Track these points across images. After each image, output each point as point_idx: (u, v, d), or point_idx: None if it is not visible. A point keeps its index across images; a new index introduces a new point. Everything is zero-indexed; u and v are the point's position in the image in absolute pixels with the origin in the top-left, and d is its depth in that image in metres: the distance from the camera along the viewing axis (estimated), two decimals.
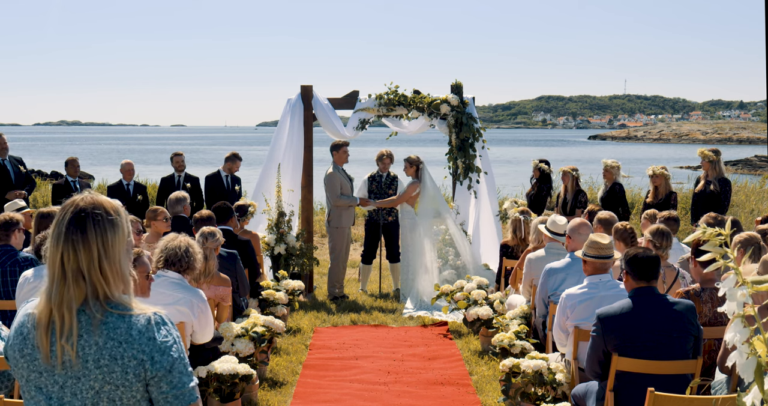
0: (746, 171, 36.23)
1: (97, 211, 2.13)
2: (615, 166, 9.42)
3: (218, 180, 10.43)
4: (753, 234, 5.25)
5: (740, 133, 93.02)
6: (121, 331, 2.09)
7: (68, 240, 2.09)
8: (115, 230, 2.15)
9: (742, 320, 1.85)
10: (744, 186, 17.00)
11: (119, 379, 2.08)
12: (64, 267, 2.09)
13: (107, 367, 2.07)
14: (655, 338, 4.16)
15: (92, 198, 2.16)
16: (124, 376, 2.08)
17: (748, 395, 1.79)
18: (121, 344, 2.08)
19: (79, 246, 2.09)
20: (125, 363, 2.08)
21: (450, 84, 9.66)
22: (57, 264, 2.10)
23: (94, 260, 2.09)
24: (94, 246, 2.10)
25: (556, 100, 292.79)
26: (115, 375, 2.08)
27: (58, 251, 2.10)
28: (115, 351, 2.07)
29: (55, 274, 2.10)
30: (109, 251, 2.12)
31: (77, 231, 2.10)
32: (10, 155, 9.78)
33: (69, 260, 2.09)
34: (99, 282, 2.10)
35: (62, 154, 47.19)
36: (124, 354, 2.07)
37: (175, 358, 2.13)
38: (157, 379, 2.11)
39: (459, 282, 8.08)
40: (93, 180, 22.60)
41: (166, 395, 2.13)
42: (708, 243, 1.90)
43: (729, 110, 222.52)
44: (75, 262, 2.08)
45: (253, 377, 5.32)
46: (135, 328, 2.10)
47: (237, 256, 6.58)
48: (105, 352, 2.07)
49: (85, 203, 2.14)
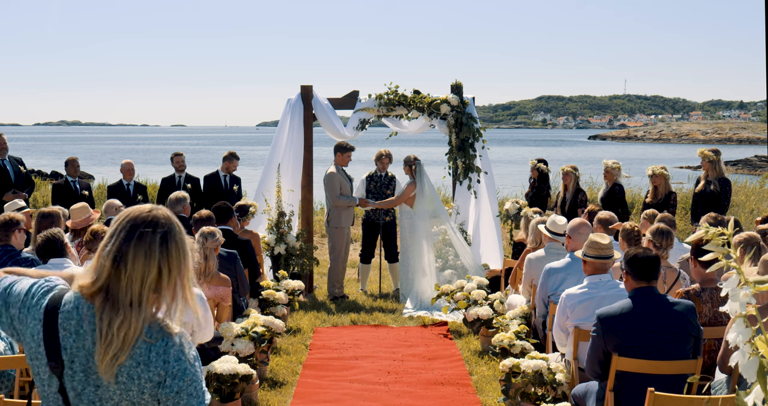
0: (746, 171, 36.23)
1: (179, 234, 2.15)
2: (615, 167, 9.42)
3: (216, 180, 10.43)
4: (753, 234, 5.25)
5: (740, 133, 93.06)
6: (141, 351, 2.07)
7: (159, 256, 2.10)
8: (187, 256, 2.17)
9: (744, 320, 1.85)
10: (744, 186, 17.00)
11: (135, 397, 2.09)
12: (148, 285, 2.09)
13: (124, 385, 2.07)
14: (655, 338, 4.15)
15: (170, 218, 2.17)
16: (140, 395, 2.09)
17: (749, 395, 1.78)
18: (139, 365, 2.07)
19: (164, 265, 2.11)
20: (141, 384, 2.08)
21: (450, 84, 9.66)
22: (145, 279, 2.08)
23: (172, 282, 2.12)
24: (174, 268, 2.13)
25: (556, 100, 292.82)
26: (131, 393, 2.08)
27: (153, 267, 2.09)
28: (133, 371, 2.07)
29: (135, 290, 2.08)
30: (183, 276, 2.15)
31: (164, 247, 2.11)
32: (9, 155, 9.78)
33: (155, 278, 2.10)
34: (166, 305, 2.13)
35: (62, 154, 47.20)
36: (141, 375, 2.07)
37: (185, 383, 2.10)
38: (168, 400, 2.10)
39: (459, 282, 8.07)
40: (93, 180, 22.59)
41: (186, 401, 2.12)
42: (710, 243, 1.89)
43: (729, 110, 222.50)
44: (158, 281, 2.11)
45: (253, 377, 5.32)
46: (154, 350, 2.08)
47: (237, 256, 6.58)
48: (124, 370, 2.06)
49: (168, 220, 2.15)
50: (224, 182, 10.42)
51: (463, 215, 9.67)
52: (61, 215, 6.31)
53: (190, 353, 2.14)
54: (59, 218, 6.19)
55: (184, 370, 2.10)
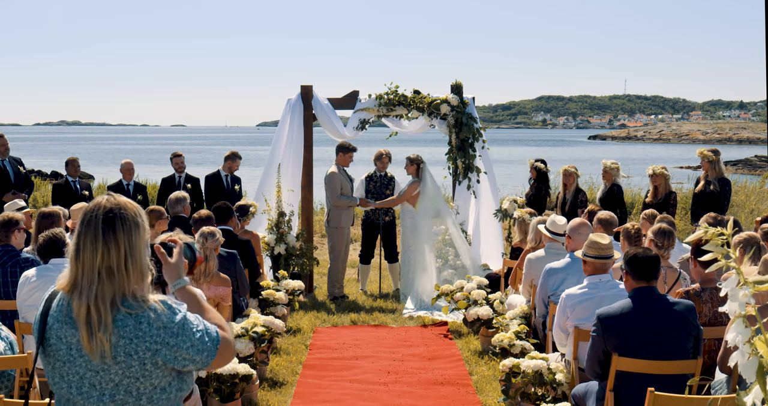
0: (746, 171, 36.21)
1: (123, 212, 2.30)
2: (614, 167, 9.41)
3: (218, 180, 10.43)
4: (753, 234, 5.26)
5: (740, 133, 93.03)
6: (129, 328, 2.23)
7: (102, 240, 2.26)
8: (139, 230, 2.32)
9: (744, 320, 1.85)
10: (744, 186, 16.98)
11: (139, 371, 2.25)
12: (100, 266, 2.25)
13: (125, 363, 2.23)
14: (655, 338, 4.16)
15: (116, 200, 2.33)
16: (143, 367, 2.25)
17: (748, 395, 1.78)
18: (132, 341, 2.23)
19: (112, 245, 2.26)
20: (141, 356, 2.24)
21: (450, 84, 9.66)
22: (95, 263, 2.25)
23: (121, 258, 2.26)
24: (122, 245, 2.27)
25: (556, 100, 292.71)
26: (133, 369, 2.24)
27: (97, 251, 2.25)
28: (128, 348, 2.23)
29: (93, 272, 2.25)
30: (134, 250, 2.29)
31: (109, 231, 2.26)
32: (9, 156, 9.78)
33: (104, 259, 2.25)
34: (123, 279, 2.26)
35: (62, 154, 47.19)
36: (137, 349, 2.23)
37: (180, 340, 2.27)
38: (175, 362, 2.28)
39: (459, 282, 8.07)
40: (93, 180, 22.58)
41: (192, 356, 2.30)
42: (710, 243, 1.90)
43: (729, 110, 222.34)
44: (107, 260, 2.25)
45: (253, 377, 5.32)
46: (144, 321, 2.24)
47: (237, 256, 6.58)
48: (119, 349, 2.23)
49: (111, 204, 2.31)
50: (225, 182, 10.42)
51: (462, 215, 9.67)
52: (61, 215, 6.30)
53: (176, 311, 2.30)
54: (59, 218, 6.19)
55: (174, 330, 2.26)
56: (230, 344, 2.42)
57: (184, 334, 2.28)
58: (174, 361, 2.28)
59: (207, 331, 2.34)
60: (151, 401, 2.30)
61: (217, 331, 2.38)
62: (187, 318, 2.31)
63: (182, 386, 2.37)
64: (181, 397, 2.40)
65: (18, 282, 5.17)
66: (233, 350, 2.45)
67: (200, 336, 2.31)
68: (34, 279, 4.98)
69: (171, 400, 2.35)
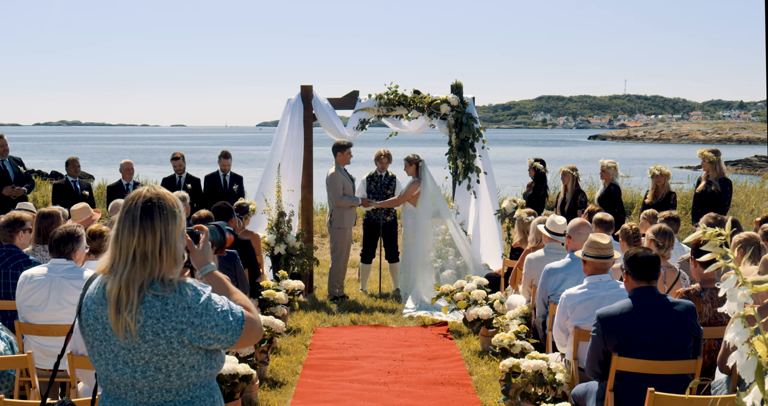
0: (746, 171, 36.20)
1: (162, 201, 2.44)
2: (612, 166, 9.40)
3: (216, 179, 10.46)
4: (753, 234, 5.26)
5: (740, 133, 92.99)
6: (156, 309, 2.36)
7: (140, 226, 2.39)
8: (176, 220, 2.45)
9: (743, 320, 1.85)
10: (744, 186, 16.98)
11: (165, 349, 2.37)
12: (135, 250, 2.38)
13: (153, 341, 2.36)
14: (655, 338, 4.16)
15: (156, 190, 2.47)
16: (169, 346, 2.37)
17: (748, 395, 1.79)
18: (159, 321, 2.35)
19: (148, 232, 2.39)
20: (168, 335, 2.36)
21: (450, 84, 9.66)
22: (130, 247, 2.38)
23: (156, 244, 2.39)
24: (158, 233, 2.40)
25: (556, 100, 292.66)
26: (161, 347, 2.37)
27: (133, 236, 2.38)
28: (156, 327, 2.35)
29: (128, 256, 2.38)
30: (170, 238, 2.42)
31: (147, 218, 2.40)
32: (9, 156, 9.78)
33: (139, 244, 2.38)
34: (156, 264, 2.38)
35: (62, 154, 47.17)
36: (164, 328, 2.36)
37: (206, 319, 2.38)
38: (201, 341, 2.39)
39: (459, 282, 8.07)
40: (93, 180, 22.57)
41: (217, 335, 2.40)
42: (708, 243, 1.90)
43: (729, 110, 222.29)
44: (143, 246, 2.38)
45: (253, 377, 5.32)
46: (170, 302, 2.37)
47: (237, 256, 6.58)
48: (147, 328, 2.35)
49: (151, 194, 2.45)
50: (224, 181, 10.44)
51: (463, 215, 9.67)
52: (61, 215, 6.28)
53: (201, 292, 2.41)
54: (59, 218, 6.15)
55: (198, 310, 2.38)
56: (256, 323, 2.52)
57: (208, 314, 2.39)
58: (199, 340, 2.39)
59: (232, 311, 2.44)
60: (180, 377, 2.42)
61: (242, 311, 2.48)
62: (211, 299, 2.42)
63: (211, 364, 2.48)
64: (212, 374, 2.51)
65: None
66: (260, 330, 2.55)
67: (224, 316, 2.41)
68: (34, 279, 4.95)
69: (201, 377, 2.46)
